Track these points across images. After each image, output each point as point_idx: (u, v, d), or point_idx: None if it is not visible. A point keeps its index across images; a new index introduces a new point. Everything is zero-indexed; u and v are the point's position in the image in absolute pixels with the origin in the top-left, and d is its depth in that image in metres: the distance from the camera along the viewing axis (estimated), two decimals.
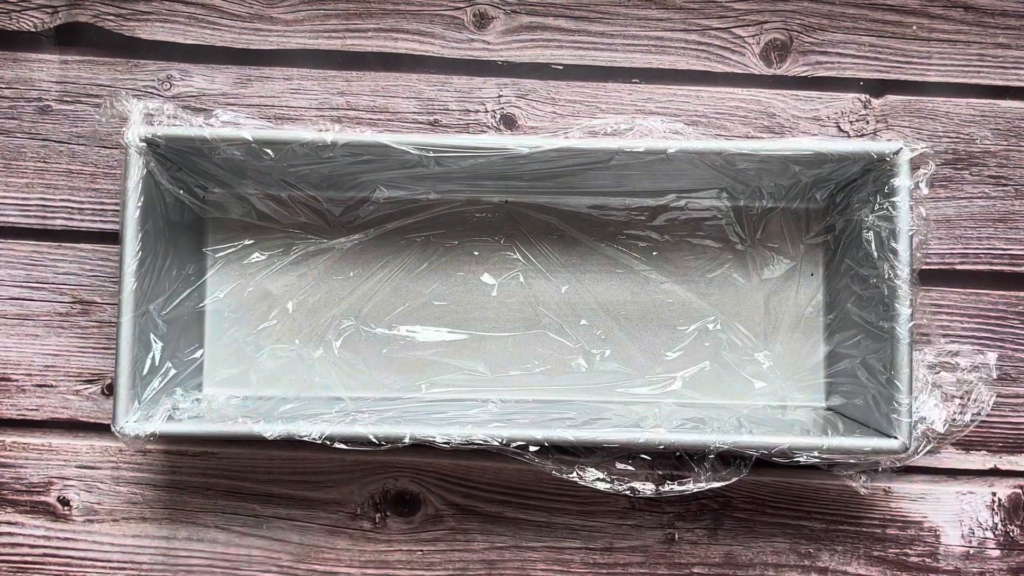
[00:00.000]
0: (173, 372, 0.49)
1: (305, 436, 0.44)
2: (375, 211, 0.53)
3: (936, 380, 0.47)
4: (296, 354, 0.53)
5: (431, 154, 0.46)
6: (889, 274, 0.45)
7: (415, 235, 0.53)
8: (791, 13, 0.55)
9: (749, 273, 0.53)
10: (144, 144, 0.45)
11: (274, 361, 0.53)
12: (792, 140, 0.47)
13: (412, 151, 0.45)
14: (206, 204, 0.53)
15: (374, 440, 0.44)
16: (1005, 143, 0.55)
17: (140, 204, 0.45)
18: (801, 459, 0.45)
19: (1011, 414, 0.54)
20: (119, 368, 0.45)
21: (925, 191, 0.46)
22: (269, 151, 0.46)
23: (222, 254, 0.53)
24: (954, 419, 0.47)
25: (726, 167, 0.47)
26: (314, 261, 0.53)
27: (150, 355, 0.47)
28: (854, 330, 0.49)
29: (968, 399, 0.48)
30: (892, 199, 0.45)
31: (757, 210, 0.53)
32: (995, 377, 0.48)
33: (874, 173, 0.47)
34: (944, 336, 0.54)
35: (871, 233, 0.47)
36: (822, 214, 0.53)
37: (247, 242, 0.53)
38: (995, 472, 0.54)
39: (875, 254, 0.46)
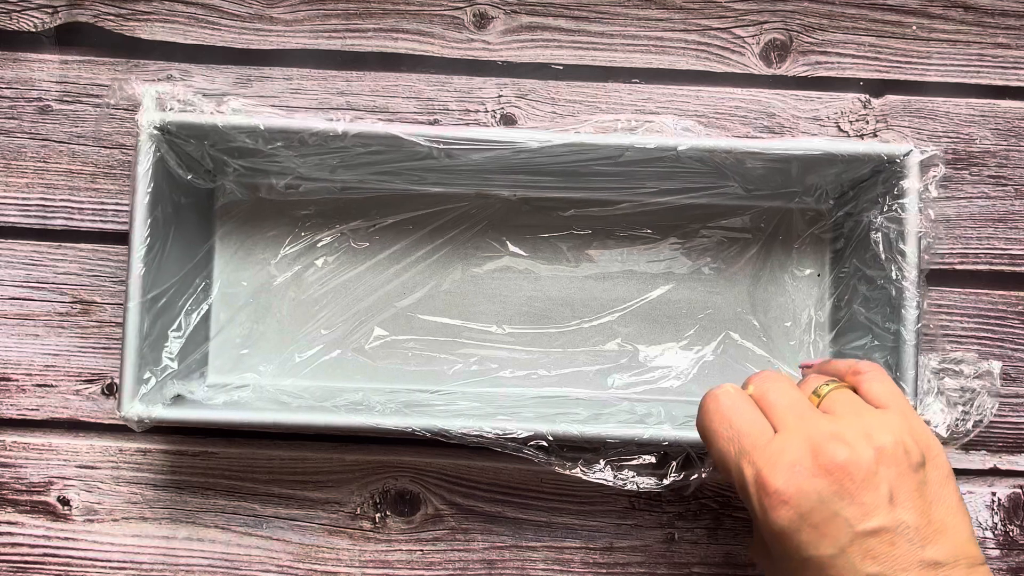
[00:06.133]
0: (178, 363, 0.49)
1: (314, 423, 0.45)
2: (387, 205, 0.53)
3: (940, 386, 0.47)
4: (303, 346, 0.53)
5: (441, 146, 0.45)
6: (896, 275, 0.45)
7: (426, 228, 0.53)
8: (791, 13, 0.55)
9: (757, 272, 0.53)
10: (156, 131, 0.45)
11: (280, 352, 0.53)
12: (803, 140, 0.46)
13: (422, 143, 0.45)
14: (215, 192, 0.53)
15: (392, 428, 0.44)
16: (1005, 143, 0.55)
17: (150, 190, 0.45)
18: None
19: (1011, 414, 0.54)
20: (125, 353, 0.45)
21: (934, 193, 0.46)
22: (279, 141, 0.46)
23: (230, 244, 0.53)
24: (956, 425, 0.47)
25: (734, 166, 0.47)
26: (324, 252, 0.53)
27: (154, 343, 0.47)
28: (861, 331, 0.49)
29: (971, 407, 0.48)
30: (901, 200, 0.45)
31: (766, 209, 0.53)
32: (999, 387, 0.48)
33: (884, 174, 0.47)
34: (945, 337, 0.54)
35: (879, 234, 0.46)
36: (830, 214, 0.53)
37: (255, 233, 0.53)
38: (995, 472, 0.54)
39: (883, 255, 0.46)
